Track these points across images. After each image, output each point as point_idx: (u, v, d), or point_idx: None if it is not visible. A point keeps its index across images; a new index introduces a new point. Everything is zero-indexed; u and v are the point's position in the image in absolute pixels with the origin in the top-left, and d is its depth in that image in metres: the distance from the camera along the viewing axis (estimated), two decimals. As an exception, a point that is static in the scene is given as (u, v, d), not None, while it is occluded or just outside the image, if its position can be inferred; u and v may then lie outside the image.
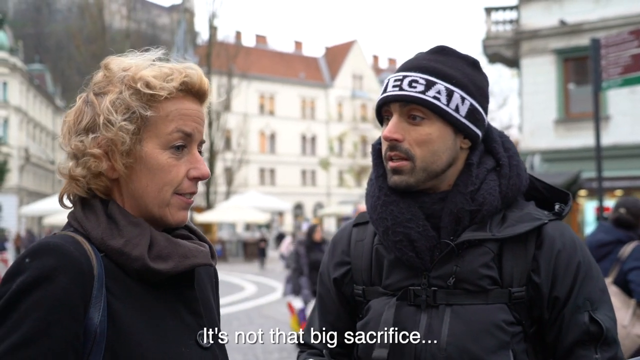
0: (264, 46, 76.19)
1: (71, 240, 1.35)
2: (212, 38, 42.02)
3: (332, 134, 67.75)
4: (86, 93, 1.48)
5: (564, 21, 19.52)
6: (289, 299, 11.85)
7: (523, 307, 1.71)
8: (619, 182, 18.30)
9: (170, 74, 1.45)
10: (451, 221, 1.73)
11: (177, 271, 1.41)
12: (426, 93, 1.72)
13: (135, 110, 1.41)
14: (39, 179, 73.15)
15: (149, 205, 1.45)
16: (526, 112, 20.48)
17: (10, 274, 1.29)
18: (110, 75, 1.45)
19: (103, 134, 1.41)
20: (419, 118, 1.74)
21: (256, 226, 46.34)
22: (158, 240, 1.42)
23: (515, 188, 1.80)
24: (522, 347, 1.69)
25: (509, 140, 1.88)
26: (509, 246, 1.72)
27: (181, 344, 1.42)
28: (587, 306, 1.69)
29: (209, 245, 1.55)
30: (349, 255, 1.92)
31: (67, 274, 1.28)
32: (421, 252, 1.73)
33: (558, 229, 1.76)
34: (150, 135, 1.44)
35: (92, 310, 1.30)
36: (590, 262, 1.76)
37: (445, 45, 1.84)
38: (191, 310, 1.48)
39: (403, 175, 1.75)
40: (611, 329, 1.69)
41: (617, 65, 7.52)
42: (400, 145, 1.74)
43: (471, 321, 1.67)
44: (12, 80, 62.08)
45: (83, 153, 1.42)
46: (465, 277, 1.70)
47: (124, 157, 1.41)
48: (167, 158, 1.45)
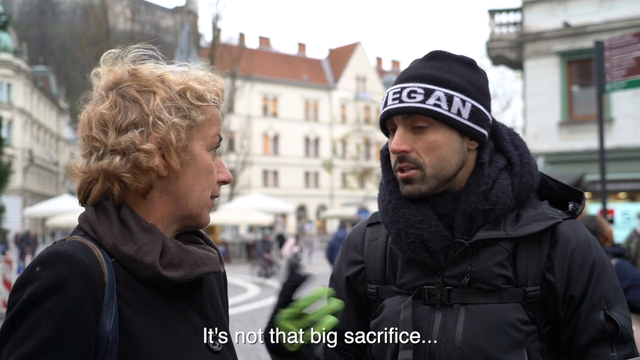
0: (267, 48, 76.29)
1: (81, 247, 1.33)
2: (216, 40, 42.01)
3: (335, 135, 67.82)
4: (115, 89, 1.43)
5: (568, 23, 19.50)
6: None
7: (538, 306, 1.72)
8: (622, 185, 18.28)
9: (209, 82, 1.49)
10: (465, 221, 1.74)
11: (187, 279, 1.41)
12: (426, 102, 1.73)
13: (186, 111, 1.42)
14: (43, 181, 73.28)
15: (189, 204, 1.46)
16: (530, 115, 20.46)
17: (21, 282, 1.27)
18: (142, 77, 1.44)
19: (154, 131, 1.39)
20: (423, 127, 1.74)
21: (259, 228, 46.35)
22: (169, 248, 1.41)
23: (528, 186, 1.80)
24: (536, 346, 1.70)
25: (519, 137, 1.88)
26: (524, 245, 1.73)
27: (193, 349, 1.42)
28: (602, 304, 1.69)
29: (217, 251, 1.55)
30: (362, 255, 1.93)
31: (78, 283, 1.26)
32: (435, 252, 1.74)
33: (572, 227, 1.76)
34: (199, 136, 1.46)
35: (103, 317, 1.29)
36: (604, 261, 1.76)
37: (439, 50, 1.84)
38: (201, 313, 1.48)
39: (415, 184, 1.76)
40: (627, 327, 1.69)
41: (621, 68, 7.51)
42: (409, 155, 1.75)
43: (486, 320, 1.68)
44: (17, 82, 62.25)
45: (135, 149, 1.38)
46: (480, 277, 1.71)
47: (180, 153, 1.42)
48: (210, 160, 1.49)
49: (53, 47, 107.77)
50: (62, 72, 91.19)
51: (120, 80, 1.43)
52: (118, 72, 1.45)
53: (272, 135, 69.61)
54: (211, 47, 41.35)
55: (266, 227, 38.81)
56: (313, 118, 73.10)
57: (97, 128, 1.40)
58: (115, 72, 1.45)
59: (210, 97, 1.47)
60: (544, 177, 1.89)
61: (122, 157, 1.38)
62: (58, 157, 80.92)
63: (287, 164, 69.67)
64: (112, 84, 1.44)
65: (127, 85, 1.42)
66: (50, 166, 76.12)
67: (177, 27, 56.64)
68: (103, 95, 1.43)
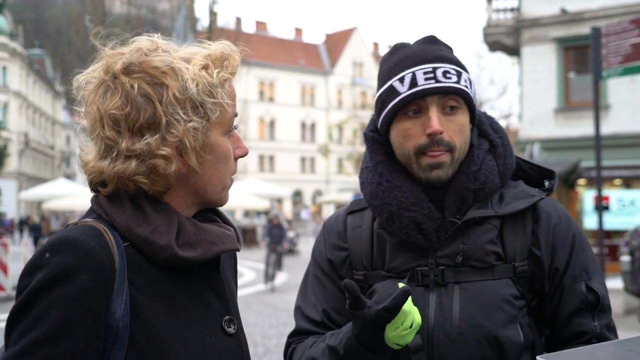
0: (264, 32, 75.98)
1: (92, 233, 1.30)
2: (212, 24, 41.79)
3: (331, 121, 67.62)
4: (124, 77, 1.35)
5: (565, 10, 19.45)
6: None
7: (525, 280, 1.76)
8: (618, 172, 18.31)
9: (224, 59, 1.43)
10: (456, 200, 1.77)
11: (205, 258, 1.39)
12: (460, 82, 1.75)
13: (201, 107, 1.36)
14: (39, 164, 73.10)
15: (209, 193, 1.44)
16: (526, 101, 20.45)
17: (30, 268, 1.26)
18: (153, 66, 1.35)
19: (170, 132, 1.34)
20: (454, 108, 1.75)
21: (255, 213, 46.35)
22: (185, 227, 1.39)
23: (510, 167, 1.86)
24: (526, 320, 1.74)
25: (496, 121, 1.92)
26: (508, 222, 1.77)
27: (206, 334, 1.40)
28: (583, 276, 1.76)
29: (234, 229, 1.53)
30: (345, 242, 1.91)
31: (87, 271, 1.24)
32: (428, 234, 1.75)
33: (551, 204, 1.84)
34: (216, 125, 1.41)
35: (113, 305, 1.27)
36: (581, 234, 1.83)
37: (433, 35, 1.86)
38: (218, 294, 1.46)
39: (444, 169, 1.75)
40: (605, 297, 1.76)
41: (618, 54, 7.52)
42: (442, 138, 1.73)
43: (481, 297, 1.71)
44: (12, 65, 61.96)
45: (152, 154, 1.33)
46: (472, 254, 1.74)
47: (198, 152, 1.37)
48: (228, 143, 1.45)
49: (49, 30, 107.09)
50: (57, 55, 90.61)
51: (129, 68, 1.35)
52: (126, 57, 1.37)
53: (268, 120, 69.49)
54: (208, 31, 41.16)
55: (262, 212, 38.78)
56: (309, 103, 72.97)
57: (109, 127, 1.34)
58: (124, 57, 1.37)
59: (226, 78, 1.42)
60: (517, 159, 1.93)
61: (138, 161, 1.34)
62: (54, 141, 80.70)
63: (283, 149, 69.60)
64: (119, 71, 1.36)
65: (138, 76, 1.35)
66: (46, 149, 75.89)
67: (173, 11, 56.33)
68: (110, 85, 1.36)
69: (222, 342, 1.42)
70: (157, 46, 1.40)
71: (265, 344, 10.02)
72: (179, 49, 1.42)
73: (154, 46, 1.40)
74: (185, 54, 1.41)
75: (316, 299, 1.91)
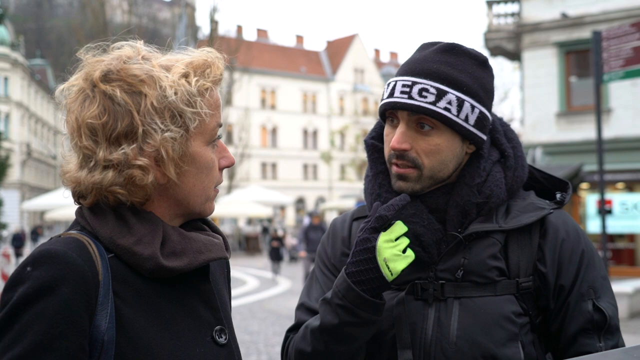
0: (265, 40, 76.08)
1: (74, 245, 1.28)
2: (213, 32, 41.91)
3: (333, 127, 67.73)
4: (103, 85, 1.33)
5: (566, 14, 19.47)
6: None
7: (530, 297, 1.70)
8: (620, 175, 18.28)
9: (207, 66, 1.39)
10: (457, 214, 1.71)
11: (191, 268, 1.36)
12: (437, 104, 1.65)
13: (179, 116, 1.33)
14: (41, 174, 73.22)
15: (191, 204, 1.41)
16: (528, 105, 20.44)
17: (12, 282, 1.24)
18: (131, 74, 1.33)
19: (147, 142, 1.31)
20: (427, 127, 1.68)
21: (258, 220, 46.34)
22: (170, 236, 1.36)
23: (520, 179, 1.78)
24: (529, 338, 1.68)
25: (511, 129, 1.85)
26: (514, 236, 1.71)
27: (196, 345, 1.37)
28: (590, 294, 1.69)
29: (222, 237, 1.50)
30: (349, 248, 1.88)
31: (69, 284, 1.22)
32: (428, 246, 1.70)
33: (561, 217, 1.76)
34: (197, 134, 1.37)
35: (98, 317, 1.25)
36: (592, 250, 1.75)
37: (456, 44, 1.74)
38: (208, 303, 1.43)
39: (409, 182, 1.71)
40: (614, 317, 1.69)
41: (619, 58, 7.52)
42: (408, 154, 1.69)
43: (480, 314, 1.65)
44: (14, 76, 62.09)
45: (128, 164, 1.31)
46: (474, 269, 1.68)
47: (177, 163, 1.34)
48: (211, 154, 1.41)
49: (50, 40, 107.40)
50: (59, 65, 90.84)
51: (108, 76, 1.33)
52: (105, 65, 1.35)
53: (270, 128, 69.50)
54: (209, 40, 41.23)
55: (265, 220, 38.75)
56: (311, 110, 72.97)
57: (86, 137, 1.32)
58: (103, 64, 1.35)
59: (207, 87, 1.38)
60: (530, 168, 1.87)
61: (115, 171, 1.32)
62: (56, 151, 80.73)
63: (285, 156, 69.58)
64: (98, 79, 1.34)
65: (117, 84, 1.32)
66: (48, 159, 76.01)
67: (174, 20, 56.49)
68: (88, 94, 1.34)
69: (212, 352, 1.40)
70: (138, 53, 1.38)
71: (268, 352, 9.96)
72: (160, 57, 1.39)
73: (134, 53, 1.38)
74: (165, 62, 1.38)
75: (321, 293, 1.85)
